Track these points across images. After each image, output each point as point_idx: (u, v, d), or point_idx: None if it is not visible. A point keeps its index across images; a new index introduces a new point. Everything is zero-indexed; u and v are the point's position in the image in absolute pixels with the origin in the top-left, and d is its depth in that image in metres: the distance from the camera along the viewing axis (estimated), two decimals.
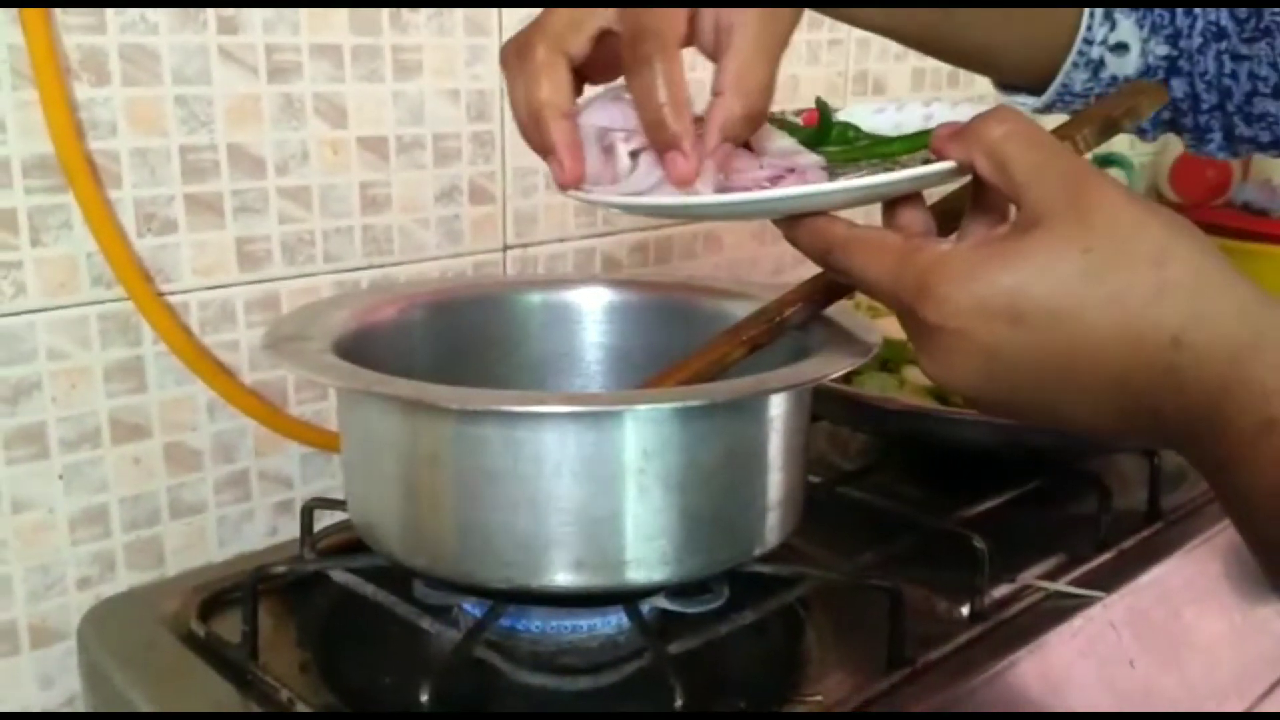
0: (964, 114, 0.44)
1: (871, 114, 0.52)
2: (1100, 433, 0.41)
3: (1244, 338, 0.37)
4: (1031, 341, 0.38)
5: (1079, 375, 0.39)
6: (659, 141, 0.45)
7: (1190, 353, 0.37)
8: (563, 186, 0.47)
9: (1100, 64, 0.60)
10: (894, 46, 1.17)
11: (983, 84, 0.64)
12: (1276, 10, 0.57)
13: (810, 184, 0.45)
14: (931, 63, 1.22)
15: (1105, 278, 0.37)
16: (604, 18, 0.45)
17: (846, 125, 0.51)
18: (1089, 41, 0.59)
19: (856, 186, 0.43)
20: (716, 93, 0.45)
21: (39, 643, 0.71)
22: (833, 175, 0.48)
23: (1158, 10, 0.60)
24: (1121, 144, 1.12)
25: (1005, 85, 0.65)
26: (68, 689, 0.72)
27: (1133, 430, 0.40)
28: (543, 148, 0.47)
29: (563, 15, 0.46)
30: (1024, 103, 0.63)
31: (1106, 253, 0.37)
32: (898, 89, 1.20)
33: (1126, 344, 0.37)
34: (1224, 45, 0.59)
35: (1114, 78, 0.60)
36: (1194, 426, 0.38)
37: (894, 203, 0.45)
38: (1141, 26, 0.60)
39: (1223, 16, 0.59)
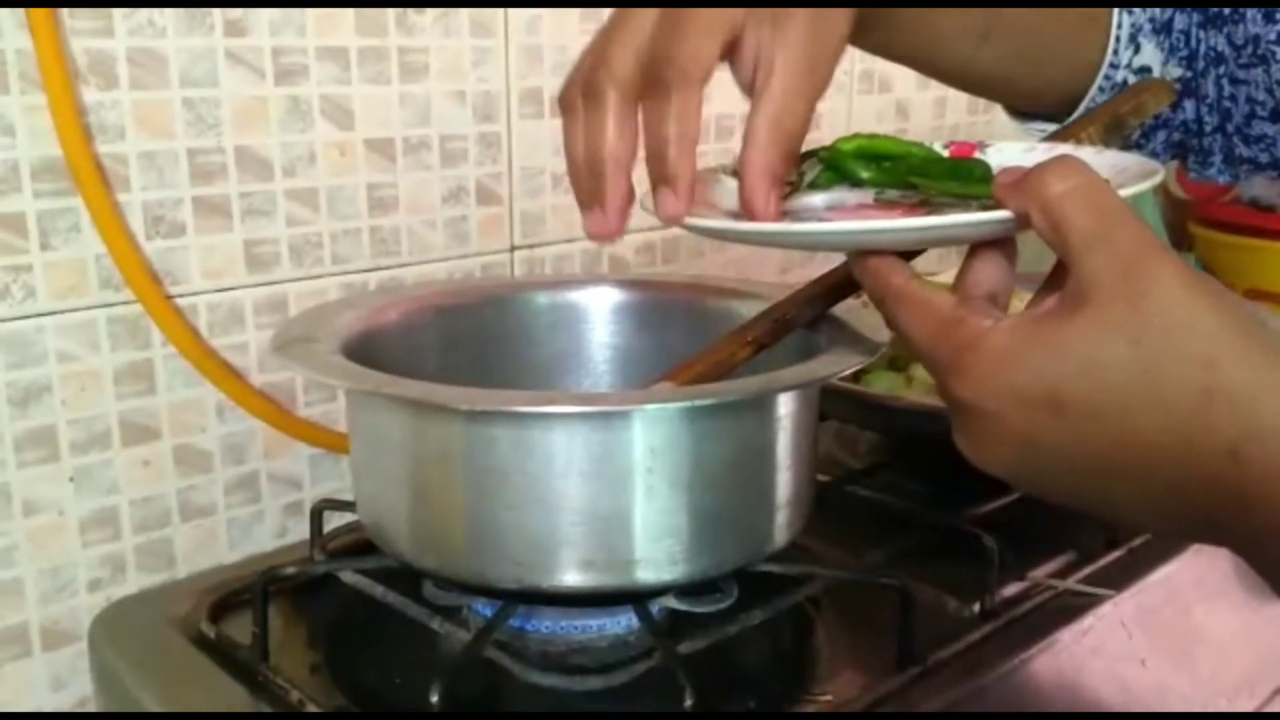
0: (1105, 162, 0.42)
1: (1021, 154, 0.49)
2: (1148, 529, 0.39)
3: None
4: (1073, 435, 0.36)
5: (1126, 474, 0.36)
6: (655, 174, 0.43)
7: (1252, 469, 0.34)
8: (593, 237, 0.46)
9: (1123, 86, 0.60)
10: None
11: None
12: (1270, 39, 0.57)
13: (843, 221, 0.43)
14: None
15: (1151, 376, 0.35)
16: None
17: (976, 163, 0.48)
18: (1114, 65, 0.60)
19: (884, 229, 0.41)
20: (749, 134, 0.43)
21: (50, 645, 0.71)
22: (933, 211, 0.45)
23: (1175, 33, 0.61)
24: None
25: (1020, 113, 0.64)
26: (79, 691, 0.72)
27: (1185, 533, 0.38)
28: (591, 198, 0.45)
29: (627, 57, 0.43)
30: (1042, 129, 0.62)
31: (1155, 347, 0.34)
32: (902, 86, 1.19)
33: (1176, 450, 0.35)
34: (1223, 70, 0.60)
35: None
36: (1259, 545, 0.35)
37: (974, 252, 0.41)
38: (1161, 49, 0.60)
39: (1220, 42, 0.60)
